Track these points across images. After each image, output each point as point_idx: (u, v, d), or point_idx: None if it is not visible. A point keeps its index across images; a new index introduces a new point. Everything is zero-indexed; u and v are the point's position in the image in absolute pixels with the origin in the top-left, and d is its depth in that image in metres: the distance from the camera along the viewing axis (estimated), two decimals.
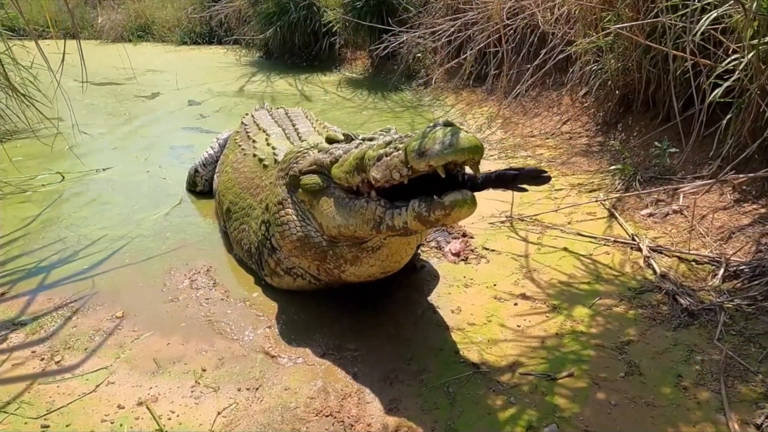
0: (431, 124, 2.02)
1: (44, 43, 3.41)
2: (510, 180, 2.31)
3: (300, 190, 2.64)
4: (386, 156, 2.10)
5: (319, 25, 10.10)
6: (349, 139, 2.58)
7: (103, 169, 5.07)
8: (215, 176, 4.27)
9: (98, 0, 16.08)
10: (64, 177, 4.85)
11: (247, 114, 4.51)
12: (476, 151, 1.86)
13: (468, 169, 2.07)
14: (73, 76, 3.54)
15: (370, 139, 2.44)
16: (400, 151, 2.03)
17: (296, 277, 2.87)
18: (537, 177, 2.28)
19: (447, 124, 1.96)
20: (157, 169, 5.07)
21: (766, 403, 2.01)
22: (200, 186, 4.52)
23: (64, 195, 4.49)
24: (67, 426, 2.13)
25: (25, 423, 2.14)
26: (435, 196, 1.98)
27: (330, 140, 2.64)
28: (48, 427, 2.13)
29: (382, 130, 2.60)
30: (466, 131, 1.91)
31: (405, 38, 7.53)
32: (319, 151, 2.62)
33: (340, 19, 9.22)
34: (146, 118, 7.10)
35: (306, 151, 2.71)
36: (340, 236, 2.47)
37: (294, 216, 2.66)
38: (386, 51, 7.79)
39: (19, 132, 5.88)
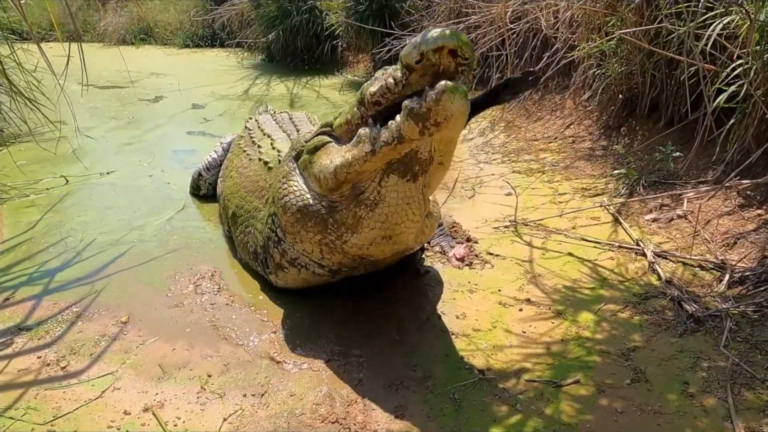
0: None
1: (47, 46, 3.43)
2: (501, 89, 2.44)
3: (303, 156, 2.66)
4: (382, 75, 2.18)
5: (321, 29, 10.10)
6: None
7: (107, 173, 5.08)
8: (219, 181, 4.28)
9: (101, 3, 16.12)
10: (68, 181, 4.86)
11: (250, 118, 4.51)
12: (464, 42, 1.91)
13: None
14: (76, 80, 3.55)
15: None
16: (395, 66, 2.10)
17: (301, 268, 2.85)
18: (525, 81, 2.40)
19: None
20: (160, 174, 5.08)
21: None
22: (204, 189, 4.53)
23: (68, 199, 4.49)
24: None
25: (32, 429, 2.14)
26: (427, 88, 1.99)
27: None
28: None
29: None
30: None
31: (408, 41, 7.53)
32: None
33: (342, 23, 9.23)
34: (150, 121, 7.11)
35: (313, 131, 2.76)
36: (336, 185, 2.42)
37: (298, 184, 2.66)
38: (389, 54, 7.79)
39: (22, 135, 5.90)
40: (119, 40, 14.86)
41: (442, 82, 1.93)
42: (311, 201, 2.57)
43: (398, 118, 2.07)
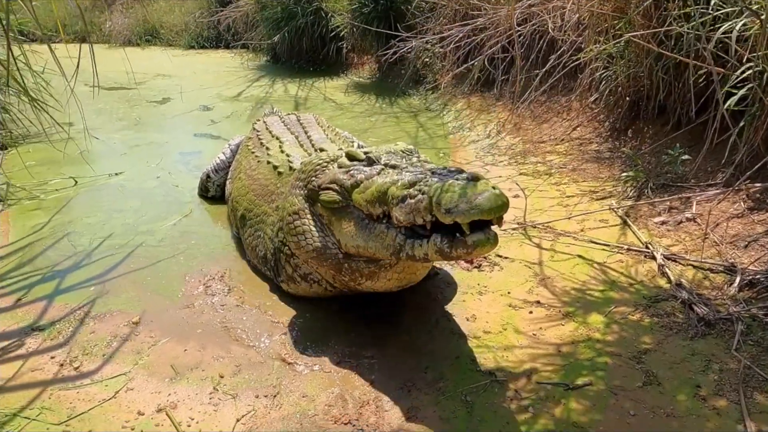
0: (458, 173, 2.05)
1: (53, 47, 3.45)
2: None
3: (319, 204, 2.66)
4: (410, 198, 2.11)
5: (326, 30, 10.13)
6: (370, 161, 2.56)
7: (116, 174, 5.11)
8: (227, 182, 4.29)
9: (107, 4, 16.19)
10: (77, 182, 4.89)
11: (258, 120, 4.53)
12: (502, 209, 1.89)
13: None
14: (84, 81, 3.57)
15: (393, 167, 2.43)
16: (425, 196, 2.04)
17: (312, 283, 2.88)
18: None
19: (473, 177, 1.98)
20: (168, 176, 5.10)
21: None
22: (212, 191, 4.54)
23: (76, 200, 4.52)
24: None
25: (47, 429, 2.16)
26: (458, 234, 2.00)
27: (350, 157, 2.64)
28: None
29: (403, 151, 2.60)
30: (493, 186, 1.91)
31: (414, 44, 7.55)
32: (339, 167, 2.63)
33: (348, 25, 9.25)
34: (157, 123, 7.15)
35: (326, 164, 2.73)
36: (357, 255, 2.51)
37: (311, 227, 2.68)
38: (395, 56, 7.81)
39: (31, 136, 5.94)
40: (125, 42, 14.92)
41: (476, 237, 1.94)
42: (329, 245, 2.62)
43: (425, 245, 2.09)
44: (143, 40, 14.83)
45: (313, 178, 2.72)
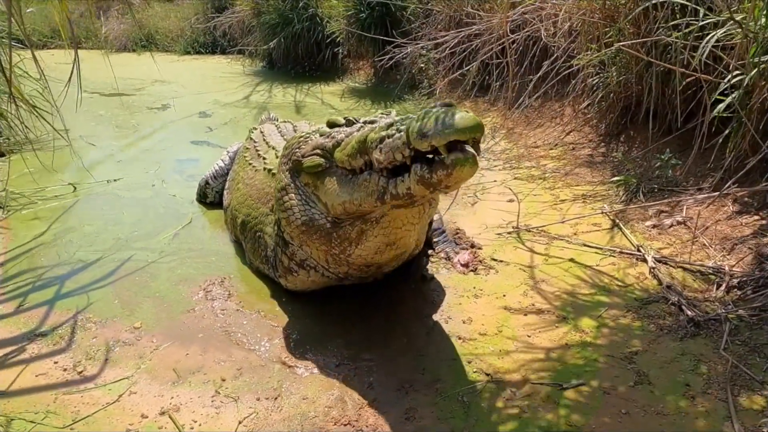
0: (431, 105, 2.07)
1: (48, 53, 3.49)
2: None
3: (303, 173, 2.68)
4: (388, 138, 2.14)
5: (322, 36, 10.21)
6: (350, 123, 2.62)
7: (114, 180, 5.15)
8: (225, 192, 4.33)
9: (102, 10, 16.22)
10: (75, 188, 4.92)
11: (255, 129, 4.56)
12: (477, 130, 1.89)
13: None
14: (83, 87, 3.62)
15: (371, 122, 2.47)
16: (402, 133, 2.06)
17: (309, 269, 2.91)
18: None
19: (446, 104, 2.02)
20: (164, 183, 5.13)
21: None
22: (210, 197, 4.59)
23: (76, 207, 4.56)
24: None
25: None
26: (436, 157, 2.00)
27: (331, 125, 2.68)
28: None
29: (382, 113, 2.63)
30: (466, 110, 1.93)
31: (409, 50, 7.64)
32: (320, 135, 2.66)
33: (344, 30, 9.33)
34: (154, 130, 7.17)
35: (307, 136, 2.74)
36: (344, 214, 2.50)
37: (296, 200, 2.70)
38: (390, 62, 7.90)
39: (28, 143, 5.96)
40: (120, 48, 14.96)
41: (453, 156, 1.93)
42: (316, 216, 2.65)
43: (407, 179, 2.10)
44: (139, 46, 14.86)
45: (297, 150, 2.74)
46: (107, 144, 6.45)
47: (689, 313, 2.66)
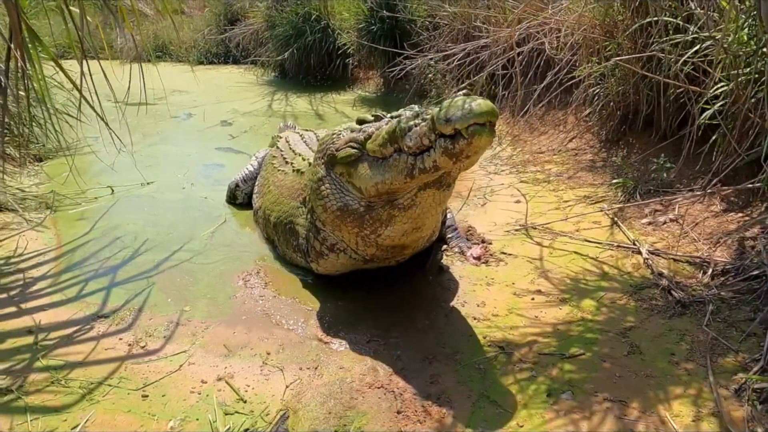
0: (453, 92, 2.45)
1: (66, 63, 3.85)
2: None
3: (337, 165, 3.02)
4: (416, 126, 2.51)
5: (333, 47, 10.64)
6: (377, 118, 2.97)
7: (148, 183, 5.55)
8: (255, 195, 4.69)
9: (117, 21, 16.75)
10: (113, 190, 5.32)
11: (280, 138, 4.90)
12: (492, 114, 2.26)
13: None
14: (106, 97, 4.04)
15: (397, 116, 2.80)
16: (428, 120, 2.43)
17: (339, 252, 3.26)
18: None
19: (465, 93, 2.39)
20: (195, 186, 5.52)
21: (742, 373, 2.43)
22: (240, 199, 4.99)
23: (115, 208, 4.93)
24: (163, 396, 2.57)
25: (128, 393, 2.57)
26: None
27: (360, 121, 3.03)
28: (147, 396, 2.56)
29: (406, 108, 2.93)
30: (483, 98, 2.30)
31: (418, 61, 8.05)
32: (351, 131, 3.00)
33: (354, 42, 9.75)
34: (180, 137, 7.58)
35: (339, 132, 3.09)
36: (377, 195, 2.82)
37: (332, 189, 3.04)
38: (401, 74, 8.30)
39: (62, 150, 6.36)
40: (134, 58, 15.45)
41: (472, 127, 2.28)
42: (350, 202, 3.00)
43: (433, 153, 2.45)
44: (154, 57, 15.35)
45: (331, 145, 3.07)
46: (136, 149, 6.83)
47: (677, 295, 3.02)
